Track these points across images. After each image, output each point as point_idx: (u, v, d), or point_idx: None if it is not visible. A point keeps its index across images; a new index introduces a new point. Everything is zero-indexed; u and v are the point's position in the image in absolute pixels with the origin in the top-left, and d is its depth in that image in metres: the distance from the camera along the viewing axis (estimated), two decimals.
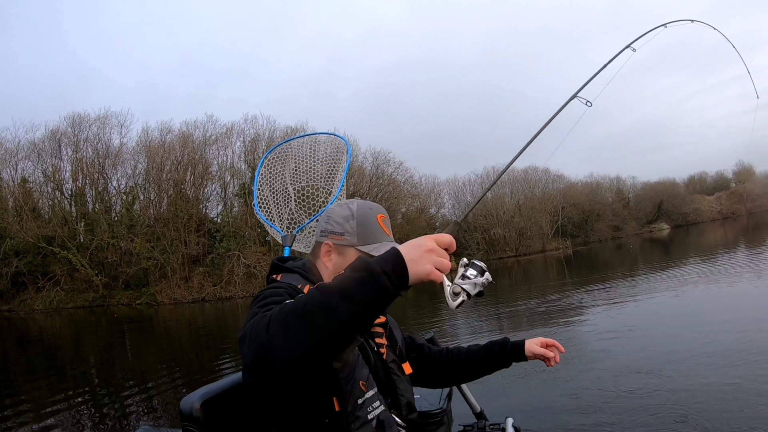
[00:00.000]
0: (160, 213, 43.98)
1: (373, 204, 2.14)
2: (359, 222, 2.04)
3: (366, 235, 2.03)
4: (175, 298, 38.81)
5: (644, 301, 14.67)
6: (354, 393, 1.81)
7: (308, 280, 1.98)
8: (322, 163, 4.26)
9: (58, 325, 29.60)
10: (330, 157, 4.26)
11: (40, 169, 44.62)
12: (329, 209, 2.15)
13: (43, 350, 20.11)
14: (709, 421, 5.69)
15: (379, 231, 2.06)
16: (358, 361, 1.89)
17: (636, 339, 10.15)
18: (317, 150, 4.32)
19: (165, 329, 24.94)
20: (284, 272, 2.04)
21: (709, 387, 6.73)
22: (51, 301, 39.13)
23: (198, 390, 2.03)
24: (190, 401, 1.96)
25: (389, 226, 2.13)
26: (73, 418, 9.32)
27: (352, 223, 2.04)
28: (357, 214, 2.06)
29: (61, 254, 39.79)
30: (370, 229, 2.05)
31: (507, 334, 13.55)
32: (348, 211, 2.07)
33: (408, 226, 51.43)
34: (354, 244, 2.02)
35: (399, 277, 1.43)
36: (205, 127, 47.04)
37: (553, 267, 38.51)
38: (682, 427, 5.68)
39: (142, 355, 17.21)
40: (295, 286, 1.87)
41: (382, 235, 2.06)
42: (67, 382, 12.57)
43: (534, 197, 66.75)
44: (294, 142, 4.46)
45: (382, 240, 2.04)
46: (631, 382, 7.38)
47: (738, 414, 5.77)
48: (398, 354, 2.21)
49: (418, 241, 1.52)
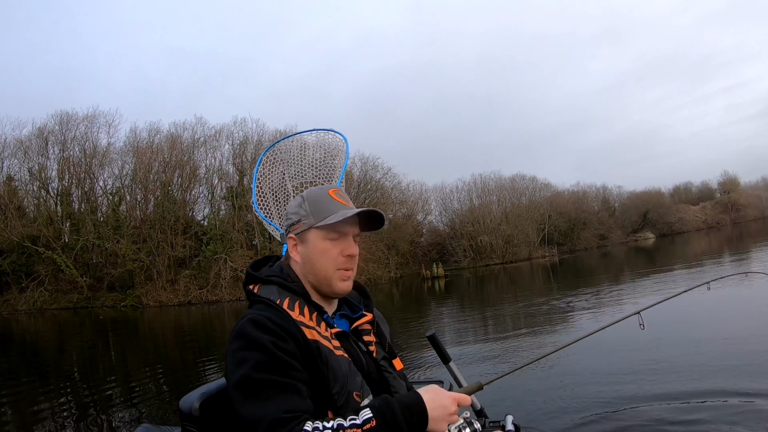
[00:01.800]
0: (147, 214, 43.66)
1: (326, 185, 2.22)
2: (310, 202, 2.00)
3: (320, 211, 1.98)
4: (160, 300, 38.50)
5: (630, 307, 14.70)
6: (349, 405, 1.79)
7: (288, 290, 1.94)
8: (321, 159, 4.27)
9: (42, 326, 29.32)
10: (328, 154, 4.26)
11: (26, 167, 44.22)
12: (287, 207, 2.12)
13: (25, 351, 19.97)
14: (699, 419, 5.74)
15: (333, 202, 2.00)
16: (349, 370, 1.86)
17: (628, 342, 10.15)
18: (316, 147, 4.32)
19: (150, 332, 24.73)
20: (261, 282, 2.01)
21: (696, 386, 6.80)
22: (35, 301, 38.80)
23: (197, 389, 2.03)
24: (189, 401, 1.95)
25: (346, 197, 2.06)
26: (55, 421, 9.22)
27: (304, 206, 2.00)
28: (307, 196, 2.03)
29: (46, 254, 39.40)
30: (322, 204, 1.99)
31: (493, 336, 13.74)
32: (299, 199, 2.05)
33: (395, 231, 51.46)
34: (311, 224, 1.98)
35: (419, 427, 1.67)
36: (193, 128, 46.84)
37: (539, 274, 38.60)
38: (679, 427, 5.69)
39: (125, 357, 17.08)
40: (280, 313, 1.84)
41: (336, 205, 1.99)
42: (49, 384, 12.46)
43: (521, 205, 66.85)
44: (293, 139, 4.46)
45: (337, 210, 1.97)
46: (630, 382, 7.42)
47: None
48: (388, 350, 2.17)
49: (443, 401, 1.73)
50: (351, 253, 2.00)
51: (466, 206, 65.62)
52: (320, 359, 1.79)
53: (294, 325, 1.80)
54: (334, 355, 1.84)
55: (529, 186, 70.44)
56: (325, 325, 1.92)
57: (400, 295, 34.65)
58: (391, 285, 42.99)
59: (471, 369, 9.50)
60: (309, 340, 1.80)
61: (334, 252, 1.97)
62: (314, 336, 1.82)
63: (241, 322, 1.79)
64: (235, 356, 1.73)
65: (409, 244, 55.17)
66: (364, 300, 2.24)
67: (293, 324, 1.80)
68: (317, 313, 1.93)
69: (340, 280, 2.00)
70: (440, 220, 66.46)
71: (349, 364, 1.88)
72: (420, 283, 43.06)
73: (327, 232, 1.96)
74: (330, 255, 1.97)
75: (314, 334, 1.83)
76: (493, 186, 67.04)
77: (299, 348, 1.76)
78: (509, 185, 68.43)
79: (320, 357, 1.79)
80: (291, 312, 1.85)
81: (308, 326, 1.84)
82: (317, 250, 1.97)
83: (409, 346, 12.55)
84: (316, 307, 1.94)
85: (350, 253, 2.00)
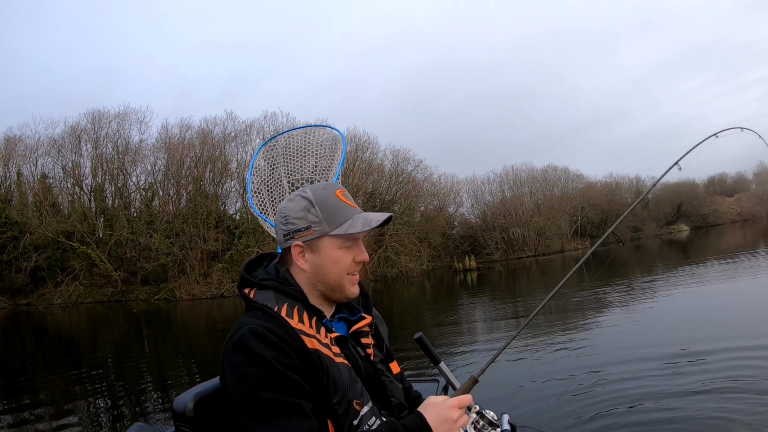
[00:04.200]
0: (179, 209, 44.18)
1: (325, 183, 1.99)
2: (322, 206, 1.86)
3: (334, 218, 1.86)
4: (193, 293, 38.80)
5: (660, 303, 14.52)
6: (349, 415, 1.75)
7: (286, 295, 1.84)
8: (318, 155, 4.25)
9: (76, 320, 29.76)
10: (325, 150, 4.23)
11: (60, 165, 44.95)
12: (282, 209, 1.94)
13: (60, 344, 20.28)
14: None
15: (345, 206, 1.90)
16: (350, 377, 1.81)
17: (643, 340, 10.00)
18: (313, 142, 4.27)
19: (183, 324, 25.06)
20: (256, 287, 1.89)
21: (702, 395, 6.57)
22: (69, 295, 39.36)
23: (191, 389, 2.02)
24: (182, 401, 1.95)
25: (351, 198, 1.96)
26: (89, 411, 9.48)
27: (314, 211, 1.86)
28: (316, 200, 1.87)
29: (80, 249, 39.98)
30: (334, 209, 1.88)
31: (522, 330, 13.44)
32: (304, 201, 1.89)
33: (427, 224, 51.41)
34: (325, 232, 1.86)
35: None
36: (224, 123, 47.20)
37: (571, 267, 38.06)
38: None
39: (158, 348, 17.34)
40: (280, 322, 1.75)
41: (348, 210, 1.89)
42: (83, 375, 12.67)
43: (553, 197, 66.28)
44: (289, 135, 4.44)
45: (351, 215, 1.88)
46: (635, 384, 7.26)
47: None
48: (385, 353, 2.10)
49: (445, 413, 1.71)
50: (363, 259, 1.95)
51: (497, 198, 65.27)
52: (321, 369, 1.73)
53: (294, 335, 1.73)
54: (334, 363, 1.78)
55: (561, 177, 69.88)
56: (324, 330, 1.84)
57: (432, 287, 34.50)
58: (423, 278, 42.89)
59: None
60: (310, 350, 1.73)
61: (348, 260, 1.90)
62: (314, 345, 1.76)
63: (240, 333, 1.71)
64: (235, 370, 1.67)
65: (441, 237, 55.01)
66: (363, 300, 2.14)
67: (293, 334, 1.73)
68: (316, 318, 1.84)
69: (351, 285, 1.94)
70: (472, 213, 66.41)
71: (349, 371, 1.82)
72: (452, 275, 42.81)
73: (343, 241, 1.88)
74: (344, 263, 1.90)
75: (314, 343, 1.76)
76: (524, 177, 66.72)
77: (301, 359, 1.70)
78: (541, 176, 67.94)
79: (321, 367, 1.73)
80: (290, 320, 1.77)
81: (308, 335, 1.77)
82: (331, 260, 1.88)
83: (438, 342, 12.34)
84: (315, 312, 1.85)
85: (363, 259, 1.95)
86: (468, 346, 11.64)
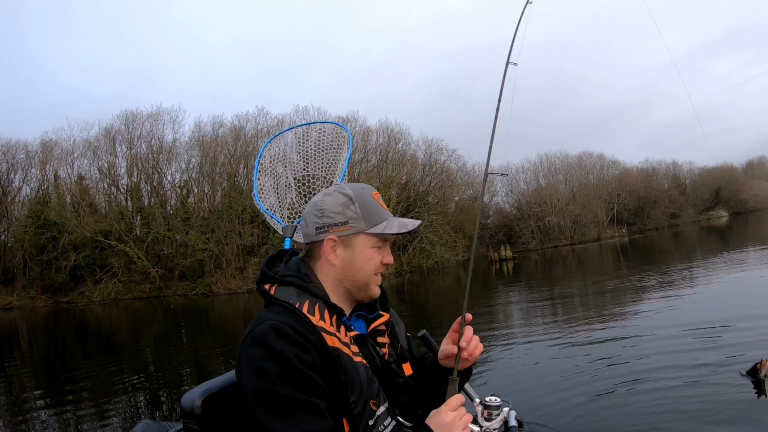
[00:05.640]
0: (215, 205, 44.71)
1: (362, 184, 2.00)
2: (361, 204, 1.89)
3: (372, 217, 1.89)
4: (230, 288, 39.06)
5: (699, 294, 13.99)
6: (365, 415, 1.75)
7: (307, 292, 1.83)
8: (324, 152, 4.16)
9: (116, 316, 30.24)
10: (332, 147, 4.16)
11: (96, 166, 45.85)
12: (318, 202, 1.94)
13: (100, 339, 20.65)
14: None
15: (381, 209, 1.93)
16: (367, 377, 1.80)
17: (664, 339, 9.36)
18: (319, 139, 4.20)
19: (220, 318, 25.40)
20: (278, 283, 1.88)
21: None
22: (109, 292, 40.03)
23: (199, 386, 2.01)
24: (190, 398, 1.95)
25: (383, 201, 1.99)
26: (129, 405, 9.72)
27: (354, 208, 1.88)
28: (356, 197, 1.90)
29: (118, 247, 40.66)
30: (372, 209, 1.91)
31: (559, 318, 13.23)
32: (344, 197, 1.90)
33: (462, 214, 51.16)
34: (362, 229, 1.88)
35: None
36: (256, 119, 47.55)
37: (608, 255, 37.69)
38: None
39: (195, 341, 17.62)
40: (301, 318, 1.74)
41: (383, 212, 1.93)
42: (123, 370, 12.95)
43: (588, 184, 65.30)
44: (295, 131, 4.39)
45: (386, 217, 1.93)
46: (649, 383, 7.04)
47: None
48: (399, 353, 2.07)
49: (439, 419, 1.71)
50: (389, 261, 1.97)
51: (532, 186, 64.78)
52: (340, 367, 1.73)
53: (315, 332, 1.72)
54: (353, 362, 1.78)
55: (596, 164, 68.92)
56: (344, 329, 1.83)
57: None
58: (459, 268, 42.62)
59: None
60: (330, 348, 1.73)
61: (377, 260, 1.93)
62: (335, 343, 1.75)
63: (259, 328, 1.70)
64: (253, 364, 1.66)
65: None
66: (381, 298, 2.10)
67: (314, 331, 1.72)
68: (336, 316, 1.84)
69: (375, 285, 1.96)
70: (506, 202, 65.97)
71: (366, 370, 1.82)
72: (487, 265, 42.38)
73: (376, 240, 1.91)
74: (374, 262, 1.92)
75: (335, 341, 1.76)
76: (559, 165, 66.09)
77: (321, 357, 1.69)
78: (576, 164, 67.09)
79: (340, 365, 1.73)
80: (311, 317, 1.76)
81: (329, 332, 1.76)
82: (363, 257, 1.91)
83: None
84: (335, 310, 1.85)
85: (389, 261, 1.97)
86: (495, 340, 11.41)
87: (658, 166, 78.73)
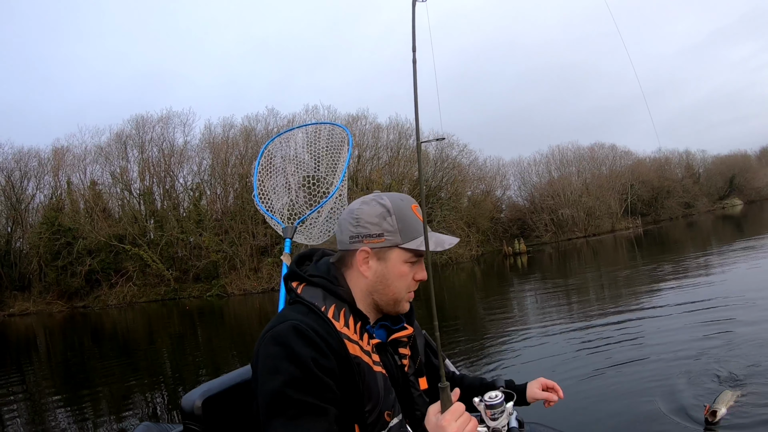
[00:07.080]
0: (227, 207, 44.84)
1: (402, 194, 1.96)
2: (398, 217, 1.84)
3: (408, 231, 1.84)
4: (244, 288, 39.03)
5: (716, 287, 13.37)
6: (378, 424, 1.74)
7: (334, 295, 1.81)
8: (324, 153, 4.24)
9: (132, 319, 30.37)
10: (332, 148, 4.22)
11: (108, 172, 46.01)
12: (355, 210, 1.89)
13: (116, 342, 20.78)
14: None
15: (418, 222, 1.87)
16: (384, 387, 1.79)
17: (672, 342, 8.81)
18: (319, 140, 4.28)
19: (235, 318, 25.55)
20: (306, 282, 1.87)
21: None
22: (124, 296, 40.15)
23: (199, 387, 2.02)
24: (191, 399, 1.96)
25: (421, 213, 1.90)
26: (145, 399, 10.05)
27: (390, 221, 1.83)
28: (394, 209, 1.85)
29: (133, 251, 40.77)
30: (409, 222, 1.85)
31: (574, 314, 13.08)
32: (381, 208, 1.85)
33: (475, 209, 51.10)
34: (397, 243, 1.83)
35: None
36: (266, 120, 47.71)
37: (623, 247, 37.47)
38: None
39: (211, 342, 17.84)
40: (324, 322, 1.73)
41: (420, 225, 1.85)
42: (140, 371, 13.12)
43: (601, 175, 64.68)
44: (294, 132, 4.48)
45: (422, 232, 1.82)
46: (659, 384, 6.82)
47: None
48: (417, 366, 2.05)
49: (436, 424, 1.58)
50: (423, 277, 1.92)
51: (545, 179, 64.30)
52: (359, 375, 1.72)
53: (338, 337, 1.71)
54: (372, 371, 1.77)
55: (609, 155, 68.10)
56: (366, 337, 1.82)
57: (482, 273, 34.09)
58: (473, 263, 42.42)
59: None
60: (350, 355, 1.72)
61: (410, 276, 1.89)
62: (356, 351, 1.74)
63: (281, 326, 1.69)
64: (269, 362, 1.65)
65: (489, 221, 54.49)
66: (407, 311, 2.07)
67: (337, 337, 1.71)
68: (360, 323, 1.81)
69: (406, 302, 1.93)
70: (519, 195, 65.56)
71: (385, 380, 1.81)
72: (502, 260, 42.19)
73: (411, 255, 1.86)
74: (407, 279, 1.88)
75: (356, 349, 1.75)
76: (571, 157, 65.48)
77: (339, 363, 1.68)
78: (588, 155, 66.34)
79: (359, 373, 1.72)
80: (336, 322, 1.75)
81: (352, 340, 1.75)
82: (396, 273, 1.86)
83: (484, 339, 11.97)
84: (360, 316, 1.83)
85: (422, 278, 1.92)
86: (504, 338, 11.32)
87: (671, 156, 78.02)
